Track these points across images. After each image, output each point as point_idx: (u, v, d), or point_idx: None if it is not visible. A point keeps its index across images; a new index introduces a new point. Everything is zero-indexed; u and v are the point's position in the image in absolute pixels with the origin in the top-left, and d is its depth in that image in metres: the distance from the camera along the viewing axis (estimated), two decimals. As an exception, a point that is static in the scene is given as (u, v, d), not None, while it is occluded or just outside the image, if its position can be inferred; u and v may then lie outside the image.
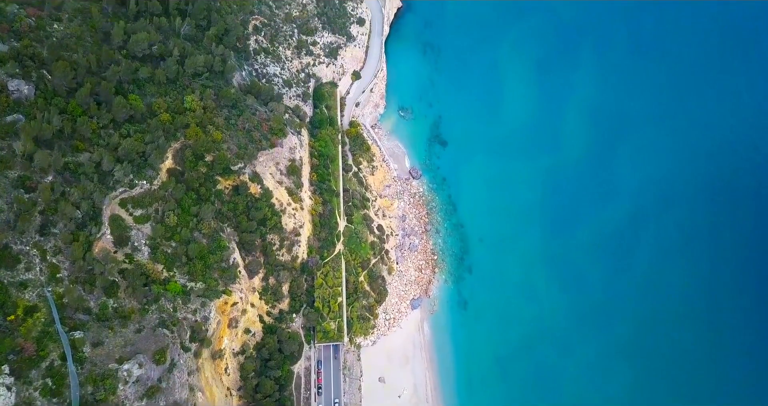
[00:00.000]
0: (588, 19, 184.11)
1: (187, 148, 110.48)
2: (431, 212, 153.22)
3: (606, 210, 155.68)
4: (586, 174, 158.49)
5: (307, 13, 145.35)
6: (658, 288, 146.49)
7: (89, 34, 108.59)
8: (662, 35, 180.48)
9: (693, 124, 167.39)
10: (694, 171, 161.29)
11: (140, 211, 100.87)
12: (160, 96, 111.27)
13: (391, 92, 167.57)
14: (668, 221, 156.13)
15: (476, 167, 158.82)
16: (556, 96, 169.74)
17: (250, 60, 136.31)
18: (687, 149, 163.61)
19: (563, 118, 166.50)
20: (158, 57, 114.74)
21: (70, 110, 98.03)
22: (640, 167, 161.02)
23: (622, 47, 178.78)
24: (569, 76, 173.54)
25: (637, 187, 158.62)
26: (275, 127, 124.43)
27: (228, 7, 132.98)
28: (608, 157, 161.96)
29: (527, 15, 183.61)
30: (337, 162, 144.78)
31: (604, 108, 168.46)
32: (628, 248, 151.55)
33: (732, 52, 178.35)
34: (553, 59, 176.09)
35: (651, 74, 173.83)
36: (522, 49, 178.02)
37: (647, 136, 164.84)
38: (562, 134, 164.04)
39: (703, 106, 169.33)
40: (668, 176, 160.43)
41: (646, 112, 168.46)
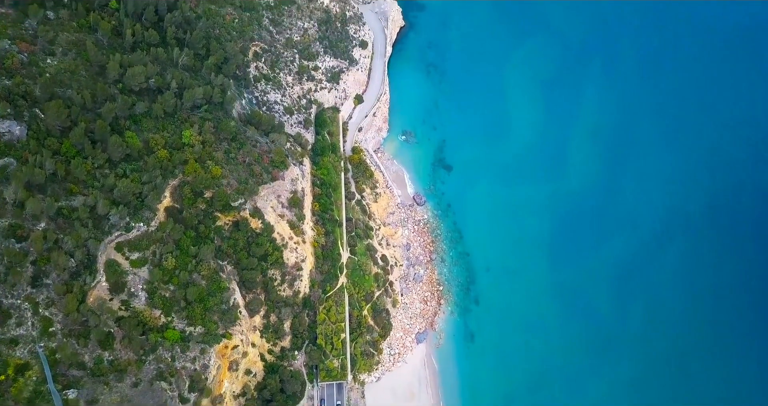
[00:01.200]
0: (594, 40, 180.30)
1: (185, 185, 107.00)
2: (436, 239, 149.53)
3: (615, 238, 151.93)
4: (594, 200, 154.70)
5: (308, 37, 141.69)
6: (670, 320, 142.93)
7: (84, 68, 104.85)
8: (671, 56, 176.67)
9: (703, 147, 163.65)
10: (705, 196, 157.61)
11: (137, 254, 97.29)
12: (158, 131, 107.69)
13: (394, 115, 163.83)
14: (679, 249, 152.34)
15: (482, 193, 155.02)
16: (563, 119, 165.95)
17: (250, 88, 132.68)
18: (697, 174, 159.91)
19: (570, 142, 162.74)
20: (156, 90, 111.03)
21: (64, 151, 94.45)
22: (650, 193, 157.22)
23: (629, 69, 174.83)
24: (575, 98, 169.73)
25: (646, 214, 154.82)
26: (276, 159, 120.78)
27: (227, 34, 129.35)
28: (617, 182, 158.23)
29: (532, 35, 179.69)
30: (339, 190, 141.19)
31: (612, 131, 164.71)
32: (638, 278, 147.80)
33: (744, 73, 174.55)
34: (558, 81, 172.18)
35: (660, 96, 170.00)
36: (527, 70, 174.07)
37: (657, 161, 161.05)
38: (570, 158, 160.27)
39: (714, 128, 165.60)
40: (679, 203, 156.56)
41: (656, 136, 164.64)
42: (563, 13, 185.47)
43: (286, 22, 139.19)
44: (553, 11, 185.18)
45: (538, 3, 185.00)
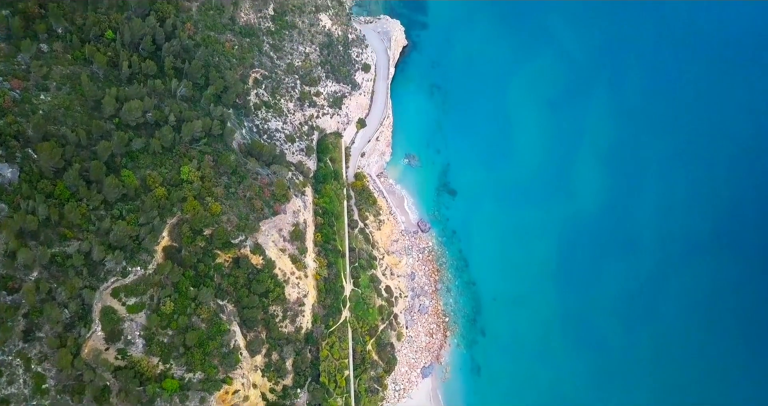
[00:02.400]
0: (600, 58, 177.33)
1: (184, 224, 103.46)
2: (441, 268, 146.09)
3: (624, 262, 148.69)
4: (603, 225, 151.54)
5: (310, 62, 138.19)
6: (681, 347, 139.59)
7: (79, 103, 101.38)
8: (679, 74, 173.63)
9: (714, 168, 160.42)
10: (715, 219, 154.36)
11: (134, 299, 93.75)
12: (156, 167, 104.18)
13: (398, 138, 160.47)
14: (690, 273, 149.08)
15: (487, 219, 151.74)
16: (570, 140, 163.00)
17: (250, 116, 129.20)
18: (707, 196, 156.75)
19: (576, 164, 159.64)
20: (153, 124, 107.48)
21: (58, 194, 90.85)
22: (659, 216, 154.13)
23: (635, 87, 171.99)
24: (582, 118, 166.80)
25: (656, 238, 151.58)
26: (278, 192, 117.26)
27: (227, 61, 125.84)
28: (624, 205, 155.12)
29: (537, 53, 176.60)
30: (342, 219, 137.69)
31: (620, 152, 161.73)
32: (648, 305, 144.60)
33: (758, 92, 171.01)
34: (565, 101, 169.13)
35: (667, 115, 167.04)
36: (532, 89, 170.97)
37: (665, 182, 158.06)
38: (577, 182, 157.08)
39: (725, 148, 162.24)
40: (688, 226, 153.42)
41: (664, 156, 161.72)
42: (568, 30, 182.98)
43: (287, 47, 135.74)
44: (558, 28, 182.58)
45: (543, 21, 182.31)
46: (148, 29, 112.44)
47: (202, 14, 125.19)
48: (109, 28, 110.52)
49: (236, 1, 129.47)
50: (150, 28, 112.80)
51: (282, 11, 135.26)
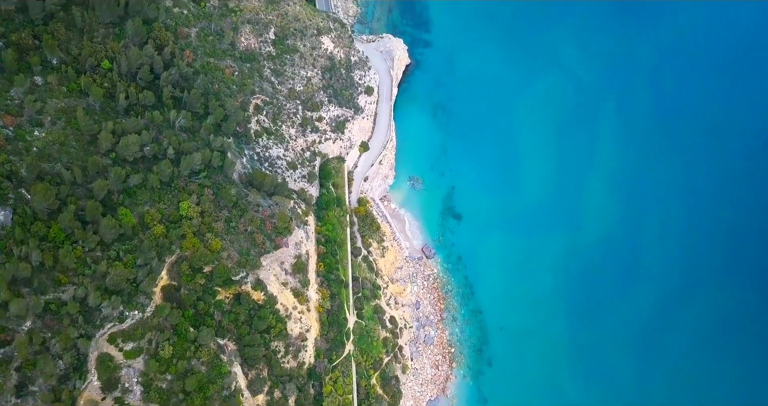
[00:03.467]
0: (608, 79, 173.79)
1: (183, 262, 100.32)
2: (447, 296, 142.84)
3: (635, 293, 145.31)
4: (611, 252, 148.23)
5: (311, 87, 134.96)
6: (695, 383, 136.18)
7: (74, 138, 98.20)
8: (688, 96, 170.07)
9: (728, 195, 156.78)
10: (728, 248, 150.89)
11: (131, 344, 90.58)
12: (154, 203, 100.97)
13: (401, 160, 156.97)
14: (703, 305, 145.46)
15: (493, 245, 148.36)
16: (577, 163, 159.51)
17: (251, 144, 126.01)
18: (720, 224, 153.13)
19: (585, 189, 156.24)
20: (151, 158, 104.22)
21: (52, 237, 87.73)
22: (671, 244, 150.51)
23: (645, 109, 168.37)
24: (589, 140, 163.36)
25: (667, 267, 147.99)
26: (280, 225, 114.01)
27: (227, 88, 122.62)
28: (635, 233, 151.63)
29: (542, 73, 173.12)
30: (345, 247, 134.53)
31: (628, 178, 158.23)
32: (660, 338, 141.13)
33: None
34: (571, 121, 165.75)
35: (678, 139, 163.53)
36: (538, 110, 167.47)
37: (677, 210, 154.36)
38: (584, 206, 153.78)
39: (738, 173, 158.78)
40: (701, 255, 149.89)
41: (674, 182, 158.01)
42: (573, 49, 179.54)
43: (288, 72, 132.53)
44: (564, 47, 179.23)
45: (548, 39, 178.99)
46: (145, 58, 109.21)
47: (202, 40, 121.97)
48: (106, 58, 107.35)
49: (236, 25, 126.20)
50: (148, 57, 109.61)
51: (283, 35, 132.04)
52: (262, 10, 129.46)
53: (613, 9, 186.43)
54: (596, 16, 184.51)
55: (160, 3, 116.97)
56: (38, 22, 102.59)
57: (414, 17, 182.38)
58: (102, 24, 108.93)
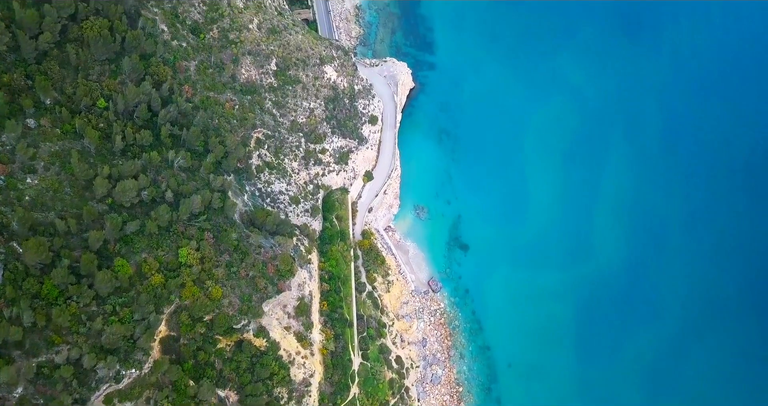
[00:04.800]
0: (615, 101, 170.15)
1: (182, 311, 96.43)
2: (454, 332, 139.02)
3: (646, 327, 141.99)
4: (623, 287, 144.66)
5: (314, 118, 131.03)
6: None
7: (69, 184, 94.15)
8: (700, 119, 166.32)
9: (742, 224, 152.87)
10: (745, 279, 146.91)
11: (128, 404, 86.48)
12: (152, 250, 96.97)
13: (406, 188, 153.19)
14: (716, 339, 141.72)
15: (501, 276, 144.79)
16: (585, 192, 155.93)
17: (252, 180, 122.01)
18: (733, 256, 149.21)
19: (594, 219, 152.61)
20: (149, 202, 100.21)
21: (45, 293, 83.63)
22: (684, 276, 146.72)
23: (654, 135, 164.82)
24: (598, 168, 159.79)
25: (681, 301, 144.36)
26: (283, 268, 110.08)
27: (227, 123, 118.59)
28: (647, 265, 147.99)
29: (550, 97, 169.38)
30: (349, 283, 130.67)
31: (639, 207, 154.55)
32: (673, 374, 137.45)
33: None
34: (579, 147, 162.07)
35: (688, 167, 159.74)
36: (546, 135, 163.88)
37: (690, 239, 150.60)
38: (595, 238, 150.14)
39: (754, 201, 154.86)
40: (715, 287, 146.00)
41: (687, 210, 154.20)
42: (580, 70, 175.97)
43: (290, 104, 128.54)
44: (571, 69, 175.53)
45: (555, 61, 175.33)
46: (143, 96, 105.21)
47: (201, 73, 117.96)
48: (102, 97, 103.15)
49: (237, 57, 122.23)
50: (145, 94, 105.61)
51: (285, 66, 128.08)
52: (263, 41, 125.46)
53: (620, 30, 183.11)
54: (602, 38, 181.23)
55: (158, 37, 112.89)
56: (31, 62, 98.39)
57: (417, 38, 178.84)
58: (97, 61, 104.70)
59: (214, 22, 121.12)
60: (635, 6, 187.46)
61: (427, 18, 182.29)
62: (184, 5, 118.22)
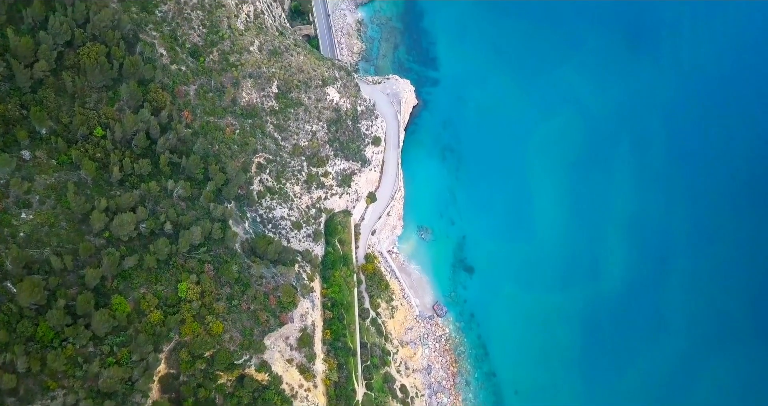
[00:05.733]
0: (621, 116, 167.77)
1: (182, 348, 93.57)
2: (460, 358, 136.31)
3: (655, 350, 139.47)
4: (631, 308, 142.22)
5: (317, 141, 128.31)
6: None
7: (64, 218, 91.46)
8: (706, 134, 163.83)
9: (751, 241, 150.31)
10: (753, 299, 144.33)
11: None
12: (151, 284, 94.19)
13: (409, 208, 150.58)
14: (726, 359, 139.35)
15: (507, 299, 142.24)
16: (592, 211, 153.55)
17: (254, 206, 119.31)
18: (744, 272, 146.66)
19: (601, 238, 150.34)
20: (148, 234, 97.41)
21: (40, 336, 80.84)
22: (692, 295, 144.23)
23: (661, 150, 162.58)
24: (605, 185, 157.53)
25: (689, 321, 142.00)
26: (285, 300, 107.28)
27: (227, 149, 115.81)
28: (654, 283, 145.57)
29: (555, 112, 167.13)
30: (352, 310, 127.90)
31: (646, 223, 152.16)
32: (685, 394, 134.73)
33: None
34: (585, 165, 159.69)
35: (696, 182, 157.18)
36: (551, 151, 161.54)
37: (697, 257, 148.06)
38: (601, 257, 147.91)
39: (764, 218, 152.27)
40: (724, 306, 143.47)
41: (694, 227, 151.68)
42: (585, 85, 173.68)
43: (292, 127, 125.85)
44: (575, 83, 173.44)
45: (559, 75, 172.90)
46: (141, 124, 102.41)
47: (201, 98, 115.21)
48: (99, 125, 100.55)
49: (237, 81, 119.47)
50: (143, 122, 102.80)
51: (287, 88, 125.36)
52: (264, 63, 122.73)
53: (624, 43, 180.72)
54: (606, 50, 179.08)
55: (157, 61, 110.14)
56: (26, 90, 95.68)
57: (420, 54, 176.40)
58: (94, 88, 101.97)
59: (214, 45, 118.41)
60: (639, 18, 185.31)
61: (430, 32, 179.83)
62: (184, 28, 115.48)
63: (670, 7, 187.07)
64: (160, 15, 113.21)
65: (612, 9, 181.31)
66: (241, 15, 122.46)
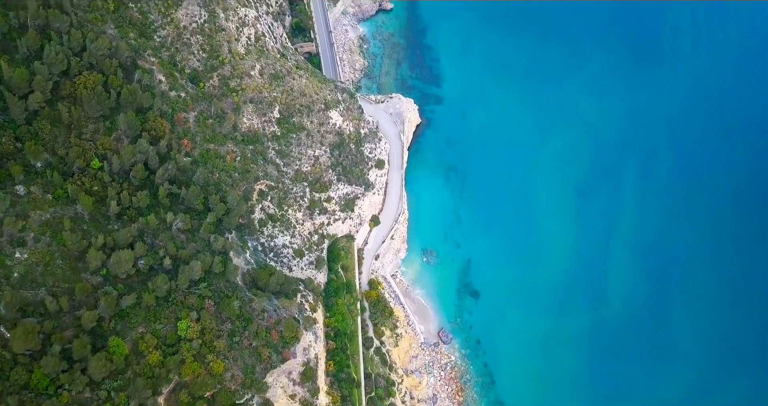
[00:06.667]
0: (628, 134, 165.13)
1: (182, 389, 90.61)
2: (466, 386, 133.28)
3: (665, 376, 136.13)
4: (639, 334, 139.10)
5: (319, 166, 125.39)
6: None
7: (60, 256, 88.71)
8: (715, 153, 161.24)
9: (762, 263, 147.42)
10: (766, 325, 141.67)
11: None
12: (149, 323, 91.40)
13: (413, 230, 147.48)
14: (738, 386, 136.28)
15: (514, 325, 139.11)
16: (599, 233, 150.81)
17: (255, 234, 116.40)
18: (755, 297, 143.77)
19: (609, 261, 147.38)
20: (146, 271, 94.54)
21: (34, 384, 77.96)
22: (702, 320, 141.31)
23: (669, 171, 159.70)
24: (611, 207, 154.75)
25: (701, 345, 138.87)
26: (287, 335, 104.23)
27: (228, 177, 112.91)
28: (663, 309, 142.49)
29: (560, 130, 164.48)
30: (356, 340, 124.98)
31: (655, 247, 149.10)
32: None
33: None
34: (592, 185, 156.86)
35: (705, 203, 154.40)
36: (557, 172, 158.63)
37: (706, 281, 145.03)
38: (608, 282, 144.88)
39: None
40: (736, 331, 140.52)
41: (703, 251, 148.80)
42: (592, 102, 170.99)
43: (294, 152, 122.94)
44: (582, 100, 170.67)
45: (564, 92, 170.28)
46: (139, 155, 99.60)
47: (201, 125, 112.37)
48: (96, 157, 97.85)
49: (238, 106, 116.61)
50: (142, 153, 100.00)
51: (289, 113, 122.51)
52: (265, 87, 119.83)
53: (628, 58, 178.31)
54: (611, 66, 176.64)
55: (155, 88, 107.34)
56: (21, 123, 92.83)
57: (423, 70, 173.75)
58: (91, 118, 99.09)
59: (214, 70, 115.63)
60: (643, 33, 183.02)
61: (433, 48, 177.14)
62: (183, 53, 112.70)
63: (675, 22, 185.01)
64: (158, 40, 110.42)
65: (616, 24, 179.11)
66: (241, 38, 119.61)
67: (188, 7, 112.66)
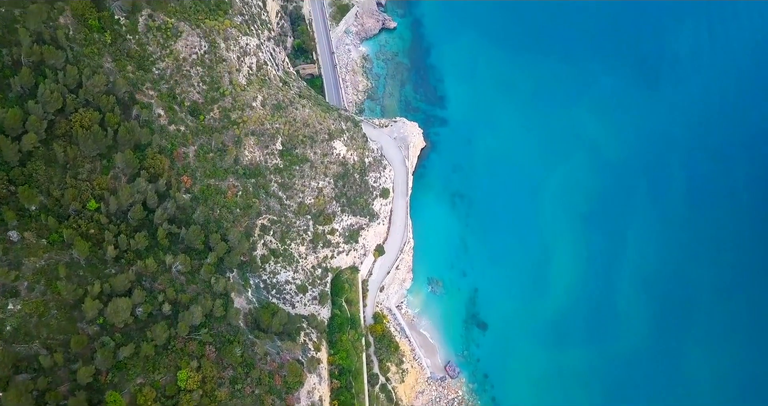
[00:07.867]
0: (637, 159, 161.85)
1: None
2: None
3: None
4: (651, 367, 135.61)
5: (323, 198, 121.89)
6: None
7: (55, 305, 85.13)
8: (727, 180, 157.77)
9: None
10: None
11: None
12: (148, 373, 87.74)
13: (419, 259, 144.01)
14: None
15: (522, 358, 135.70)
16: (608, 263, 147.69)
17: (257, 272, 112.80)
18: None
19: (618, 293, 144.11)
20: (145, 318, 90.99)
21: (28, 447, 74.23)
22: (717, 355, 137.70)
23: (680, 197, 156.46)
24: (621, 236, 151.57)
25: (716, 380, 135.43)
26: (291, 380, 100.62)
27: (229, 214, 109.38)
28: (676, 344, 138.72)
29: (568, 154, 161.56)
30: (361, 378, 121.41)
31: (666, 277, 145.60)
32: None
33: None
34: (601, 213, 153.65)
35: (718, 232, 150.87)
36: (564, 197, 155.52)
37: (722, 314, 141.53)
38: (618, 314, 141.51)
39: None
40: (750, 364, 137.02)
41: (715, 283, 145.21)
42: (600, 125, 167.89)
43: (297, 185, 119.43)
44: (589, 122, 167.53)
45: (571, 115, 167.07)
46: (138, 195, 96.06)
47: (201, 159, 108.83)
48: (92, 197, 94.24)
49: (239, 139, 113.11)
50: (140, 193, 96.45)
51: (291, 145, 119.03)
52: (267, 119, 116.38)
53: (638, 81, 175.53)
54: (620, 89, 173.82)
55: (154, 123, 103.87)
56: (14, 164, 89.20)
57: (428, 91, 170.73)
58: (87, 157, 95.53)
59: (214, 102, 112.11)
60: (653, 56, 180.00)
61: (437, 68, 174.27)
62: (183, 85, 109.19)
63: (681, 42, 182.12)
64: (157, 73, 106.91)
65: (625, 46, 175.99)
66: (243, 69, 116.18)
67: (188, 38, 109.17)
